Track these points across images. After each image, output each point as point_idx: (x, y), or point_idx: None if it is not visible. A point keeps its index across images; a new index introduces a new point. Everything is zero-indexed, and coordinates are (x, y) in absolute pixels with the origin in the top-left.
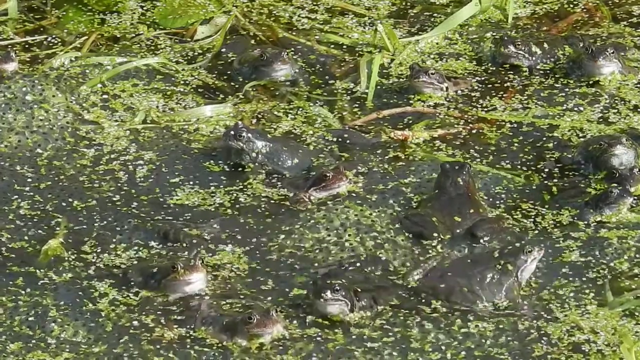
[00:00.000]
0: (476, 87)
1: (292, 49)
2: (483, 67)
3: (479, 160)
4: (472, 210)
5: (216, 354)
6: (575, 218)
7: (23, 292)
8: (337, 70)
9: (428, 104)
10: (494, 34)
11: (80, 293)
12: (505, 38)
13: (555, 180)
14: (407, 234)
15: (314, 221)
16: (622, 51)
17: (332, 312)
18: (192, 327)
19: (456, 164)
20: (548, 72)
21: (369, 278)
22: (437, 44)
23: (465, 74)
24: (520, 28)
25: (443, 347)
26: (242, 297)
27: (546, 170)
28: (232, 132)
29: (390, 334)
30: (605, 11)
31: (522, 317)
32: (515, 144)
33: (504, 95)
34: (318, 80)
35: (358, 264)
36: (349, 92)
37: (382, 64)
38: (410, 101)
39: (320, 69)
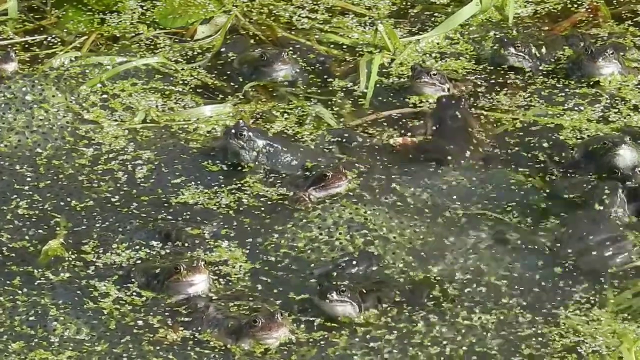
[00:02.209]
0: (476, 88)
1: (292, 49)
2: (483, 67)
3: (478, 160)
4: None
5: (217, 356)
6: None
7: (20, 291)
8: (337, 70)
9: (429, 105)
10: (495, 34)
11: (78, 292)
12: (505, 40)
13: (555, 180)
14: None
15: (313, 221)
16: (622, 51)
17: (338, 313)
18: (198, 329)
19: (453, 98)
20: (548, 73)
21: (369, 276)
22: (437, 43)
23: (465, 73)
24: (521, 27)
25: (444, 342)
26: (250, 299)
27: (548, 169)
28: (233, 131)
29: (395, 331)
30: (606, 11)
31: (521, 312)
32: (515, 144)
33: (509, 91)
34: (318, 80)
35: (355, 262)
36: (349, 92)
37: (383, 64)
38: (411, 101)
39: (321, 69)
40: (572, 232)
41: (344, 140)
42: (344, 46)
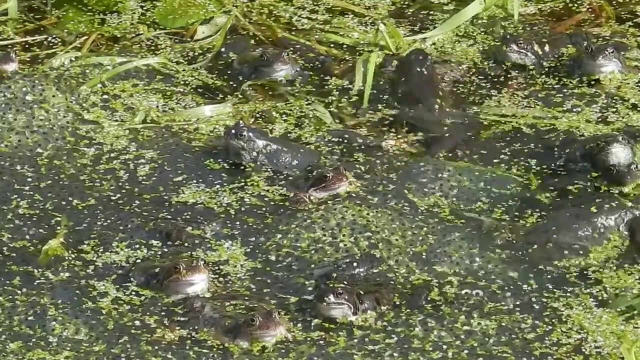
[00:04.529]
0: (476, 88)
1: (292, 48)
2: (486, 64)
3: (477, 159)
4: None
5: (215, 355)
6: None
7: (19, 291)
8: (336, 69)
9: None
10: (498, 31)
11: (77, 292)
12: (508, 37)
13: (556, 180)
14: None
15: (313, 220)
16: (622, 50)
17: (335, 316)
18: (195, 328)
19: (419, 54)
20: (550, 71)
21: (369, 278)
22: (440, 42)
23: (463, 73)
24: (524, 26)
25: (444, 347)
26: (246, 298)
27: (533, 169)
28: (233, 132)
29: (393, 335)
30: (610, 10)
31: (524, 315)
32: (517, 145)
33: (510, 89)
34: (318, 80)
35: (355, 263)
36: (349, 92)
37: (383, 64)
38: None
39: (321, 69)
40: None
41: (344, 140)
42: (345, 46)
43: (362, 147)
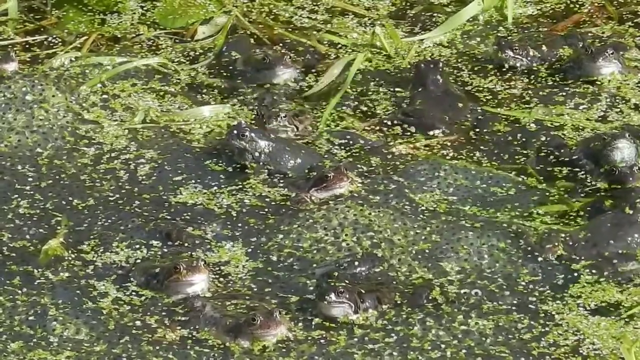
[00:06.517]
0: (477, 88)
1: (293, 50)
2: (483, 67)
3: (477, 159)
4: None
5: (216, 355)
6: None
7: (20, 291)
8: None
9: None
10: (495, 34)
11: (78, 292)
12: (503, 42)
13: (556, 178)
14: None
15: (315, 220)
16: (622, 51)
17: (336, 314)
18: (196, 327)
19: (430, 62)
20: (547, 73)
21: (370, 277)
22: (438, 44)
23: (464, 71)
24: (521, 28)
25: (443, 346)
26: (247, 297)
27: (533, 169)
28: (235, 132)
29: (393, 334)
30: (612, 11)
31: (522, 316)
32: (517, 145)
33: (509, 91)
34: (318, 80)
35: (357, 262)
36: (349, 93)
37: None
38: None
39: (321, 69)
40: (590, 236)
41: (346, 141)
42: (345, 46)
43: (365, 147)
